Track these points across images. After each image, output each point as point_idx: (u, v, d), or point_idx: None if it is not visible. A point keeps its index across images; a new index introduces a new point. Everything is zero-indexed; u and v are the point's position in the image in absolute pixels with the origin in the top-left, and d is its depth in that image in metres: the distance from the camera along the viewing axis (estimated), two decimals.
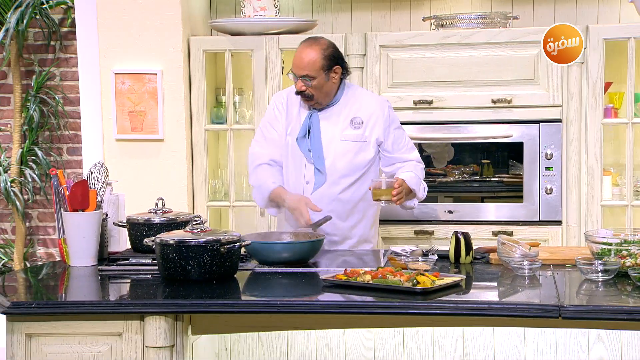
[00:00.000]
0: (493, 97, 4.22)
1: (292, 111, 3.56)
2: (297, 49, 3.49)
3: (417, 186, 3.49)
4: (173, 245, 2.78)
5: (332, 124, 3.50)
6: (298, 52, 3.46)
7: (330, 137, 3.49)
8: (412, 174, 3.48)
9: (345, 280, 2.70)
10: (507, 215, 4.26)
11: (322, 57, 3.42)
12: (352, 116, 3.51)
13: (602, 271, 2.72)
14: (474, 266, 3.04)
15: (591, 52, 4.13)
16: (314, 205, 3.34)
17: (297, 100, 3.54)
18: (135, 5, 4.35)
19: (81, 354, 2.59)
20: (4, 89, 5.03)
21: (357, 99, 3.54)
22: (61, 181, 3.07)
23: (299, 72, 3.42)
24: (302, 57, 3.42)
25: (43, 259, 5.06)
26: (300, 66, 3.41)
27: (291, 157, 3.53)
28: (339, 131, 3.50)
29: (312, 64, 3.40)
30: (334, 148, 3.49)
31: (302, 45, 3.47)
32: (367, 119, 3.51)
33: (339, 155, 3.49)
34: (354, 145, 3.50)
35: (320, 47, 3.44)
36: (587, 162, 4.18)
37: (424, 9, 4.62)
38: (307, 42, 3.48)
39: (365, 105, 3.53)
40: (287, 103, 3.57)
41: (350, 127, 3.50)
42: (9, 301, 2.59)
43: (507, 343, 2.92)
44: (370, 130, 3.51)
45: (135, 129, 4.41)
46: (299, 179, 3.51)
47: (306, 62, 3.40)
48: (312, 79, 3.41)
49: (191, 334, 2.66)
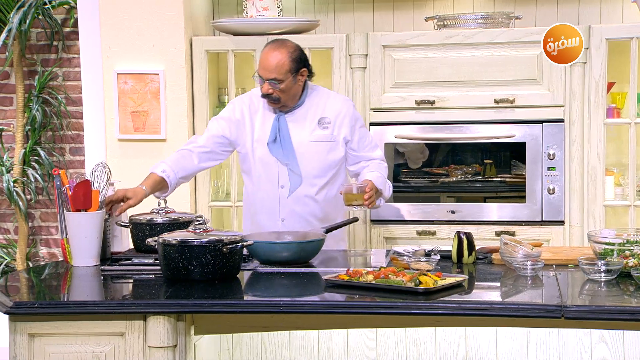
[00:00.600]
0: (495, 97, 4.21)
1: (255, 117, 3.51)
2: (263, 50, 3.43)
3: (383, 185, 3.48)
4: (175, 246, 2.78)
5: (300, 126, 3.48)
6: (264, 55, 3.40)
7: (300, 139, 3.47)
8: (378, 174, 3.48)
9: (347, 280, 2.70)
10: (510, 215, 4.26)
11: (290, 60, 3.38)
12: (319, 116, 3.50)
13: (604, 271, 2.72)
14: (476, 266, 3.04)
15: (594, 52, 4.13)
16: (124, 208, 3.21)
17: (259, 105, 3.51)
18: (138, 5, 4.35)
19: (84, 353, 2.59)
20: (6, 89, 5.03)
21: (322, 99, 3.53)
22: (64, 181, 3.08)
23: (267, 75, 3.37)
24: (270, 60, 3.36)
25: (45, 259, 5.06)
26: (268, 69, 3.36)
27: (260, 164, 3.50)
28: (308, 132, 3.48)
29: (280, 67, 3.36)
30: (305, 150, 3.47)
31: (269, 48, 3.41)
32: (334, 118, 3.50)
33: (311, 157, 3.48)
34: (324, 145, 3.50)
35: (287, 49, 3.40)
36: (590, 162, 4.18)
37: (426, 9, 4.62)
38: (273, 45, 3.43)
39: (331, 105, 3.52)
40: (250, 109, 3.53)
41: (319, 128, 3.49)
42: (12, 301, 2.59)
43: (509, 343, 2.91)
44: (338, 130, 3.50)
45: (137, 129, 4.41)
46: (273, 184, 3.49)
47: (274, 65, 3.35)
48: (280, 82, 3.37)
49: (194, 334, 2.66)
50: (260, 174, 3.51)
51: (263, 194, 3.51)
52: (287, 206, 3.49)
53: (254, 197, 3.56)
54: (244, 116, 3.52)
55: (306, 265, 3.07)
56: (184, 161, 3.45)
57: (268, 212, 3.51)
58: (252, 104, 3.53)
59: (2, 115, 5.04)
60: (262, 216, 3.53)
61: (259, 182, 3.52)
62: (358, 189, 3.32)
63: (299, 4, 4.73)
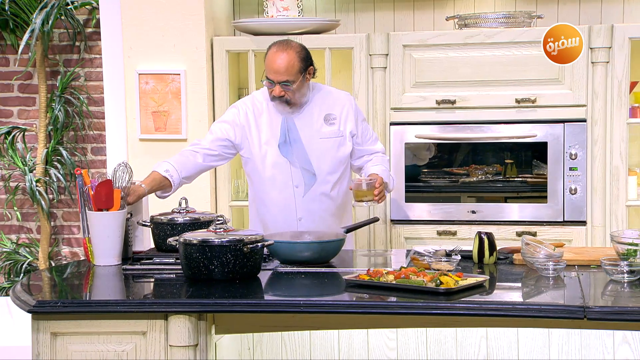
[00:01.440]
0: (517, 97, 4.19)
1: (260, 120, 3.49)
2: (268, 53, 3.40)
3: (389, 179, 3.50)
4: (196, 245, 2.79)
5: (308, 125, 3.48)
6: (272, 58, 3.36)
7: (309, 137, 3.48)
8: (383, 167, 3.50)
9: (368, 280, 2.70)
10: (531, 215, 4.24)
11: (299, 59, 3.37)
12: (325, 113, 3.50)
13: (627, 272, 2.70)
14: (497, 267, 3.03)
15: (617, 51, 4.10)
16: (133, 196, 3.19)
17: (263, 107, 3.50)
18: (159, 5, 4.37)
19: (106, 352, 2.61)
20: (29, 90, 5.07)
21: (325, 96, 3.53)
22: (86, 181, 3.09)
23: (278, 78, 3.35)
24: (280, 63, 3.34)
25: (68, 258, 5.10)
26: (279, 72, 3.34)
27: (272, 166, 3.48)
28: (317, 130, 3.49)
29: (291, 69, 3.35)
30: (316, 147, 3.48)
31: (275, 50, 3.38)
32: (339, 113, 3.51)
33: (322, 154, 3.48)
34: (333, 141, 3.50)
35: (294, 50, 3.38)
36: (612, 162, 4.15)
37: (447, 9, 4.61)
38: (280, 47, 3.39)
39: (335, 101, 3.53)
40: (254, 113, 3.50)
41: (326, 125, 3.49)
42: (35, 300, 2.62)
43: (531, 344, 2.90)
44: (344, 124, 3.51)
45: (158, 129, 4.43)
46: (287, 185, 3.48)
47: (284, 67, 3.34)
48: (292, 84, 3.36)
49: (214, 334, 2.67)
50: (274, 176, 3.49)
51: (277, 195, 3.50)
52: (303, 205, 3.49)
53: (264, 198, 3.53)
54: (249, 120, 3.49)
55: (326, 265, 3.07)
56: (187, 161, 3.43)
57: (284, 213, 3.50)
58: (255, 108, 3.51)
59: (25, 115, 5.08)
60: (277, 217, 3.51)
61: (272, 184, 3.50)
62: (368, 184, 3.32)
63: (319, 4, 4.74)
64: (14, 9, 4.85)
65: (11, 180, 5.06)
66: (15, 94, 5.08)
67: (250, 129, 3.49)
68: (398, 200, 4.32)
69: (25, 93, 5.08)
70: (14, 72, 5.05)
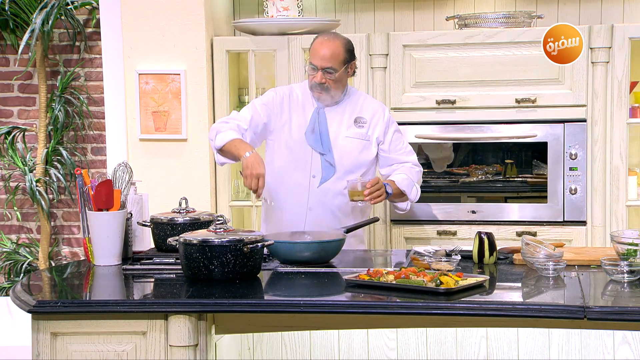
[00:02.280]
0: (517, 97, 4.19)
1: (293, 109, 3.56)
2: (315, 42, 3.51)
3: (409, 188, 3.52)
4: (196, 245, 2.79)
5: (338, 122, 3.55)
6: (319, 45, 3.48)
7: (336, 133, 3.53)
8: (405, 176, 3.52)
9: (368, 280, 2.70)
10: (531, 215, 4.24)
11: (345, 50, 3.48)
12: (356, 115, 3.56)
13: (627, 272, 2.70)
14: (497, 267, 3.03)
15: (617, 51, 4.10)
16: (263, 183, 3.25)
17: (299, 97, 3.57)
18: (159, 5, 4.37)
19: (106, 352, 2.61)
20: (29, 89, 5.07)
21: (359, 100, 3.61)
22: (86, 181, 3.09)
23: (323, 64, 3.44)
24: (326, 50, 3.45)
25: (68, 258, 5.10)
26: (325, 58, 3.44)
27: (294, 152, 3.53)
28: (344, 129, 3.54)
29: (337, 57, 3.45)
30: (340, 144, 3.52)
31: (323, 39, 3.50)
32: (370, 118, 3.57)
33: (344, 152, 3.52)
34: (358, 142, 3.54)
35: (341, 41, 3.50)
36: (612, 162, 4.15)
37: (447, 9, 4.61)
38: (328, 36, 3.53)
39: (367, 106, 3.60)
40: (290, 98, 3.58)
41: (355, 126, 3.55)
42: (35, 300, 2.62)
43: (531, 344, 2.90)
44: (373, 130, 3.56)
45: (158, 129, 4.43)
46: (305, 173, 3.52)
47: (330, 54, 3.44)
48: (335, 72, 3.45)
49: (214, 334, 2.67)
50: (294, 160, 3.53)
51: (292, 182, 3.53)
52: (315, 196, 3.52)
53: (279, 182, 3.55)
54: (283, 102, 3.56)
55: (326, 265, 3.07)
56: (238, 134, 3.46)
57: (295, 200, 3.53)
58: (292, 95, 3.60)
59: (25, 115, 5.08)
60: (288, 201, 3.53)
61: (291, 168, 3.53)
62: (362, 185, 3.34)
63: (319, 4, 4.74)
64: (14, 9, 4.85)
65: (11, 180, 5.06)
66: (16, 94, 5.08)
67: (282, 111, 3.55)
68: None
69: (25, 93, 5.08)
70: (14, 72, 5.05)
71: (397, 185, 3.48)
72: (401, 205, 3.61)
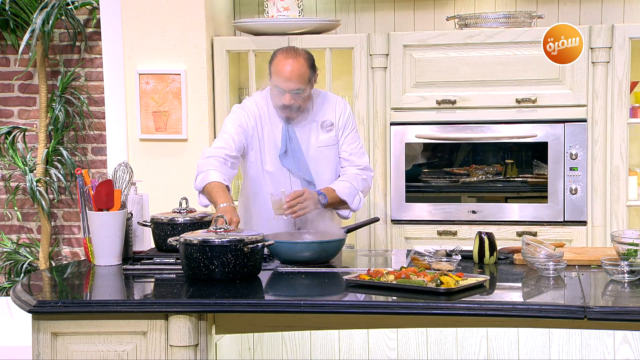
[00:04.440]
0: (517, 97, 4.19)
1: (264, 128, 3.43)
2: (275, 61, 3.33)
3: (350, 197, 3.39)
4: (197, 245, 2.79)
5: (307, 133, 3.44)
6: (282, 66, 3.29)
7: (307, 146, 3.44)
8: (348, 184, 3.41)
9: (368, 280, 2.70)
10: (531, 215, 4.23)
11: (308, 67, 3.33)
12: (321, 120, 3.46)
13: (628, 272, 2.70)
14: (498, 267, 3.03)
15: (617, 51, 4.10)
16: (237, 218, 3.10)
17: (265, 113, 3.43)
18: (160, 5, 4.37)
19: (106, 352, 2.61)
20: (29, 90, 5.07)
21: (322, 101, 3.48)
22: (86, 181, 3.09)
23: (290, 87, 3.29)
24: (292, 71, 3.28)
25: (68, 258, 5.10)
26: (292, 80, 3.28)
27: (271, 175, 3.43)
28: (315, 138, 3.45)
29: (303, 76, 3.30)
30: (314, 156, 3.44)
31: (285, 57, 3.31)
32: (336, 120, 3.47)
33: (320, 163, 3.45)
34: (330, 149, 3.47)
35: (304, 57, 3.33)
36: (613, 162, 4.15)
37: (447, 9, 4.61)
38: (289, 54, 3.33)
39: (329, 107, 3.48)
40: (260, 119, 3.44)
41: (322, 132, 3.46)
42: (35, 300, 2.62)
43: (531, 344, 2.90)
44: (338, 130, 3.48)
45: (159, 129, 4.43)
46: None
47: (297, 76, 3.28)
48: (303, 91, 3.32)
49: (215, 334, 2.67)
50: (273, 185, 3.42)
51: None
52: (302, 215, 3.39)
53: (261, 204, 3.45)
54: (256, 123, 3.43)
55: (327, 265, 3.07)
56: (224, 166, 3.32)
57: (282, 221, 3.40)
58: (260, 112, 3.45)
59: (26, 115, 5.08)
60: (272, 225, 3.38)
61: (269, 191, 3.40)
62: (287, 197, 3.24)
63: (319, 4, 4.74)
64: (15, 9, 4.85)
65: (11, 180, 5.06)
66: (16, 94, 5.08)
67: (253, 135, 3.44)
68: (398, 200, 4.32)
69: (25, 93, 5.08)
70: (15, 72, 5.05)
71: (337, 194, 3.36)
72: (343, 212, 3.48)
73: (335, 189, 3.38)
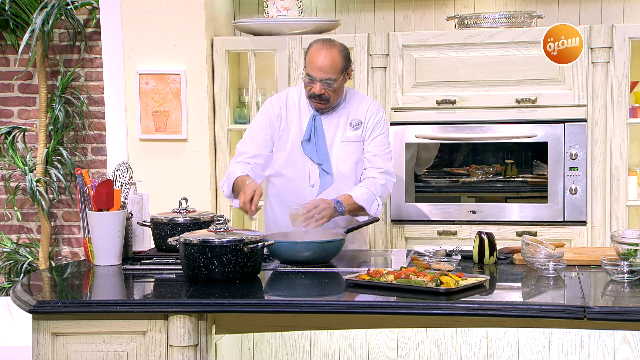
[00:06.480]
0: (517, 97, 4.19)
1: (291, 116, 3.51)
2: (311, 50, 3.40)
3: (368, 203, 3.40)
4: (197, 245, 2.79)
5: (334, 127, 3.49)
6: (316, 55, 3.37)
7: (332, 139, 3.48)
8: (365, 190, 3.41)
9: (368, 280, 2.70)
10: (531, 215, 4.24)
11: (342, 58, 3.39)
12: (351, 118, 3.50)
13: (628, 272, 2.70)
14: (497, 267, 3.03)
15: (617, 51, 4.10)
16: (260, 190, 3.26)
17: (296, 105, 3.51)
18: (159, 5, 4.37)
19: (106, 352, 2.61)
20: (29, 90, 5.08)
21: (355, 101, 3.54)
22: (86, 181, 3.10)
23: (322, 76, 3.36)
24: (324, 60, 3.35)
25: (68, 258, 5.10)
26: (323, 69, 3.35)
27: (291, 162, 3.49)
28: (341, 133, 3.49)
29: (335, 67, 3.36)
30: (337, 150, 3.48)
31: (319, 47, 3.39)
32: (366, 120, 3.50)
33: (341, 158, 3.48)
34: (354, 146, 3.50)
35: (338, 48, 3.40)
36: (613, 162, 4.15)
37: (447, 9, 4.61)
38: (324, 44, 3.40)
39: (363, 107, 3.52)
40: (286, 108, 3.52)
41: (350, 129, 3.50)
42: (35, 300, 2.62)
43: (531, 344, 2.90)
44: (366, 131, 3.50)
45: (159, 129, 4.43)
46: (303, 183, 3.49)
47: (329, 65, 3.35)
48: (334, 82, 3.38)
49: (215, 334, 2.67)
50: (289, 172, 3.50)
51: (292, 191, 3.49)
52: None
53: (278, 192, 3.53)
54: (281, 111, 3.51)
55: (327, 265, 3.07)
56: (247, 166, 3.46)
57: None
58: (288, 101, 3.54)
59: (25, 115, 5.09)
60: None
61: (286, 179, 3.50)
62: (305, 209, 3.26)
63: (319, 4, 4.74)
64: (14, 9, 4.85)
65: (11, 180, 5.06)
66: (16, 94, 5.08)
67: (279, 123, 3.51)
68: (398, 200, 4.32)
69: (25, 93, 5.08)
70: (14, 72, 5.05)
71: (354, 201, 3.37)
72: (361, 219, 3.48)
73: (353, 196, 3.39)
